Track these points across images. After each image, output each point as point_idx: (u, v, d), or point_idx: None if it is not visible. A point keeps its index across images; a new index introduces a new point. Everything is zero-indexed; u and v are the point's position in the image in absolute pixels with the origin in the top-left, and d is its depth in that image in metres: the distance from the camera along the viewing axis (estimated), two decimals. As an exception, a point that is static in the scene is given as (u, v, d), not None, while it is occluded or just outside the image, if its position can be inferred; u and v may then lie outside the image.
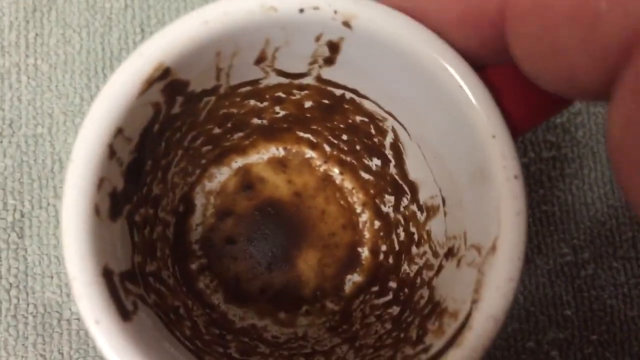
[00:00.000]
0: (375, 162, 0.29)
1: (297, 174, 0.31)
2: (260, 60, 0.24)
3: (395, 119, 0.26)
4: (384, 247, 0.30)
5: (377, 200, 0.30)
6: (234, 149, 0.30)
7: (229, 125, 0.29)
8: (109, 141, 0.19)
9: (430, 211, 0.26)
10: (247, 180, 0.31)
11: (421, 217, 0.27)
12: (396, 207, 0.29)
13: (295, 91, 0.27)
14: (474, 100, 0.21)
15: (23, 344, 0.30)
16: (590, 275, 0.32)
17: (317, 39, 0.22)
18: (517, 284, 0.19)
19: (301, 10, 0.20)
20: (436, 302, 0.23)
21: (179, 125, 0.25)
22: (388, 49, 0.21)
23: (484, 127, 0.21)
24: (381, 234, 0.30)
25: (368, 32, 0.21)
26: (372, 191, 0.30)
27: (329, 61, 0.24)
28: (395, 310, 0.26)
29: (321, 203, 0.31)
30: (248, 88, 0.26)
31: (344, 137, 0.30)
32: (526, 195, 0.20)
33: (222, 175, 0.31)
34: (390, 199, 0.30)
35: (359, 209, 0.31)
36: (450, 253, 0.23)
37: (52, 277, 0.31)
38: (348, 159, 0.30)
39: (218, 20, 0.19)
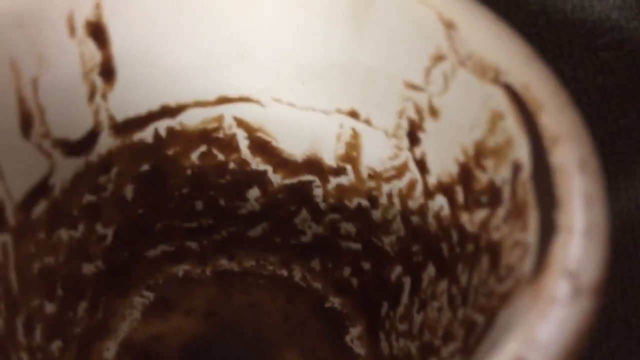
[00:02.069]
0: (253, 194, 0.24)
1: (187, 299, 0.25)
2: (25, 122, 0.18)
3: (228, 100, 0.21)
4: (347, 274, 0.24)
5: (290, 241, 0.25)
6: (91, 334, 0.23)
7: (60, 292, 0.22)
8: None
9: (352, 150, 0.21)
10: (142, 356, 0.24)
11: (336, 178, 0.22)
12: (316, 217, 0.24)
13: (102, 179, 0.22)
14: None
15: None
16: None
17: (71, 28, 0.18)
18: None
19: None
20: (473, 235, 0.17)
21: None
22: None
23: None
24: (329, 265, 0.24)
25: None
26: (277, 239, 0.25)
27: (108, 74, 0.19)
28: (441, 286, 0.20)
29: (242, 300, 0.25)
30: (43, 205, 0.20)
31: (198, 205, 0.24)
32: None
33: (107, 377, 0.23)
34: (303, 217, 0.24)
35: (281, 271, 0.25)
36: (412, 136, 0.18)
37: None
38: (223, 233, 0.25)
39: None
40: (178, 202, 0.24)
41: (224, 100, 0.22)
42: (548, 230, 0.13)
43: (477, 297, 0.17)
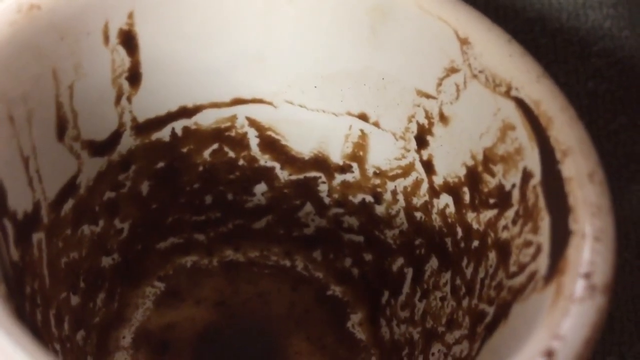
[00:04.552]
0: (259, 189, 0.25)
1: (197, 289, 0.26)
2: (61, 126, 0.19)
3: (242, 101, 0.22)
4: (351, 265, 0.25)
5: (293, 233, 0.26)
6: (108, 323, 0.24)
7: (82, 285, 0.22)
8: None
9: (359, 150, 0.22)
10: (156, 342, 0.25)
11: (342, 175, 0.23)
12: (320, 211, 0.25)
13: (121, 177, 0.22)
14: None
15: None
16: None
17: (105, 37, 0.18)
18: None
19: (67, -7, 0.16)
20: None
21: (31, 294, 0.18)
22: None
23: None
24: (330, 255, 0.25)
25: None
26: (281, 231, 0.26)
27: (135, 78, 0.20)
28: (444, 277, 0.21)
29: (249, 289, 0.26)
30: (70, 203, 0.21)
31: (207, 199, 0.25)
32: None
33: (124, 363, 0.24)
34: (307, 210, 0.25)
35: (284, 261, 0.26)
36: (420, 139, 0.20)
37: None
38: (229, 225, 0.26)
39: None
40: (189, 197, 0.25)
41: (238, 101, 0.23)
42: (561, 234, 0.15)
43: (484, 289, 0.19)
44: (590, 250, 0.14)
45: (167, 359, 0.24)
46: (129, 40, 0.19)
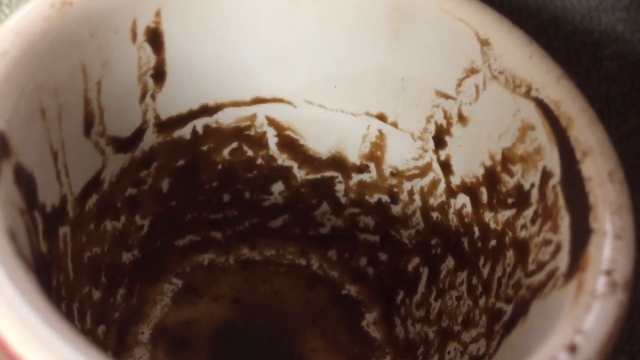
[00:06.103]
0: (277, 188, 0.25)
1: (214, 286, 0.26)
2: (88, 122, 0.19)
3: (262, 100, 0.23)
4: (366, 263, 0.26)
5: (309, 232, 0.26)
6: (128, 318, 0.24)
7: (104, 280, 0.23)
8: None
9: (377, 150, 0.22)
10: (174, 338, 0.25)
11: (359, 175, 0.23)
12: (336, 211, 0.25)
13: (143, 174, 0.23)
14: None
15: None
16: None
17: (133, 35, 0.19)
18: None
19: (99, -9, 0.16)
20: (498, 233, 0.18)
21: (57, 287, 0.19)
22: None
23: None
24: (345, 255, 0.26)
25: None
26: (297, 230, 0.26)
27: (159, 76, 0.21)
28: (460, 276, 0.21)
29: (265, 287, 0.26)
30: (94, 198, 0.21)
31: (225, 198, 0.25)
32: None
33: (143, 357, 0.24)
34: (323, 210, 0.25)
35: (299, 260, 0.26)
36: (438, 140, 0.20)
37: None
38: (246, 224, 0.26)
39: (16, 46, 0.15)
40: (207, 195, 0.25)
41: (258, 100, 0.23)
42: (582, 233, 0.15)
43: (502, 287, 0.19)
44: (611, 248, 0.14)
45: (184, 354, 0.25)
46: (155, 38, 0.19)
